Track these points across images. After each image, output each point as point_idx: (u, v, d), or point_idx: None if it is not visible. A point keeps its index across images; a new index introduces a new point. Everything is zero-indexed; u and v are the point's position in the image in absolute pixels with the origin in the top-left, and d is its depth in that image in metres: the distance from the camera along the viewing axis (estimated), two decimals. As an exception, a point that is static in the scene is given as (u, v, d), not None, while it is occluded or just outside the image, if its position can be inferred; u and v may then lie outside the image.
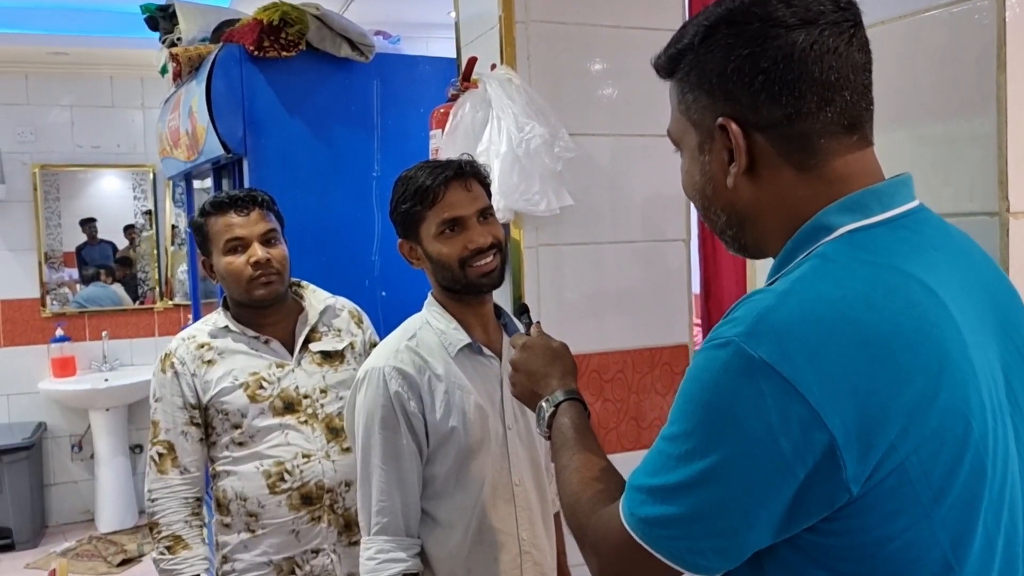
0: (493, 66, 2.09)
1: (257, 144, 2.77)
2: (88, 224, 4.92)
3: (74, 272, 4.88)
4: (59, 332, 4.71)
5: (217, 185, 3.23)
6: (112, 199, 4.97)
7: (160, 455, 1.88)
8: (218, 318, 1.96)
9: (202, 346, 1.92)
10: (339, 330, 2.02)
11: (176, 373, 1.89)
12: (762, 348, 0.73)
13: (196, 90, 2.86)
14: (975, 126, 1.08)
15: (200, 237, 1.95)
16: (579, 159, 2.07)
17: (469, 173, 1.53)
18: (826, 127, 0.81)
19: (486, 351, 1.56)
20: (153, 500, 1.87)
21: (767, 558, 0.80)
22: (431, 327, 1.56)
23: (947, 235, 0.87)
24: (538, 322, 1.37)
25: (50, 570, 2.08)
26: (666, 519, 0.79)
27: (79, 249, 4.91)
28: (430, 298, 1.60)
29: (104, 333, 4.83)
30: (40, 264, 4.74)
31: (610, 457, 1.04)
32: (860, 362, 0.72)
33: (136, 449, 4.88)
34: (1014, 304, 0.88)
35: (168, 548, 1.84)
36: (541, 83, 2.09)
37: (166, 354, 1.93)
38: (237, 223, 1.89)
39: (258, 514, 1.87)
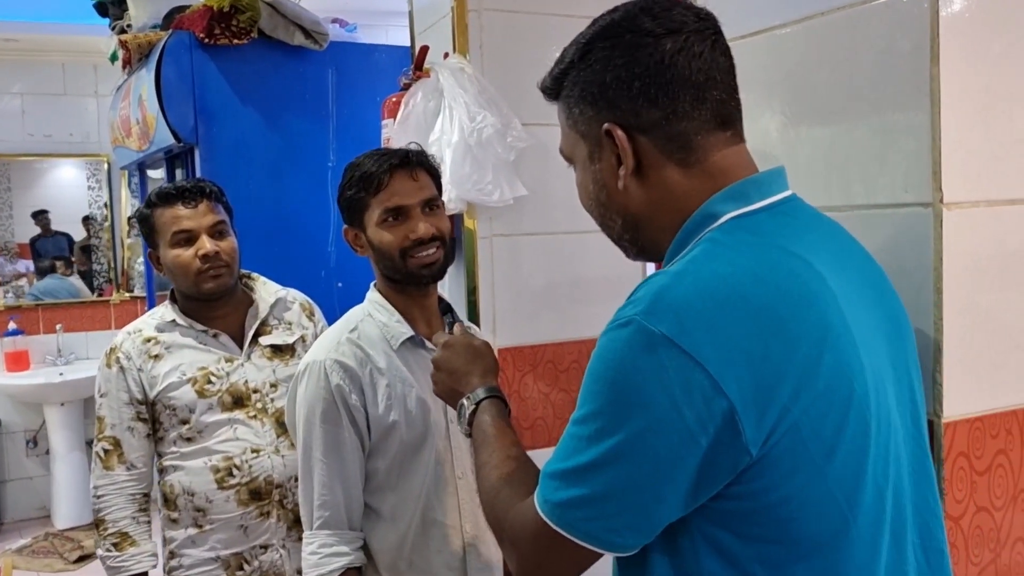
0: (446, 55, 2.08)
1: (209, 133, 2.73)
2: (40, 216, 4.81)
3: (31, 264, 4.78)
4: (12, 326, 4.62)
5: (170, 175, 3.18)
6: (67, 189, 4.87)
7: (106, 451, 1.85)
8: (165, 311, 1.92)
9: (149, 340, 1.88)
10: (290, 323, 1.99)
11: (122, 368, 1.85)
12: (662, 324, 0.77)
13: (146, 78, 2.80)
14: (910, 118, 1.08)
15: (146, 229, 1.91)
16: (533, 149, 2.06)
17: (416, 163, 1.52)
18: (702, 125, 0.88)
19: (429, 344, 1.55)
20: (99, 497, 1.84)
21: (679, 529, 0.83)
22: (373, 319, 1.55)
23: (819, 220, 0.94)
24: (460, 322, 1.38)
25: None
26: (580, 500, 0.82)
27: (33, 241, 4.80)
28: (372, 289, 1.59)
29: (58, 326, 4.74)
30: (-9, 256, 4.64)
31: (530, 453, 1.05)
32: (752, 332, 0.78)
33: (92, 444, 4.79)
34: (882, 279, 0.97)
35: (115, 545, 1.81)
36: (494, 72, 2.08)
37: (111, 348, 1.89)
38: (185, 215, 1.85)
39: (206, 509, 1.84)
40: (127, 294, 4.93)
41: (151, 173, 3.70)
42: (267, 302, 1.97)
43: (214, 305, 1.91)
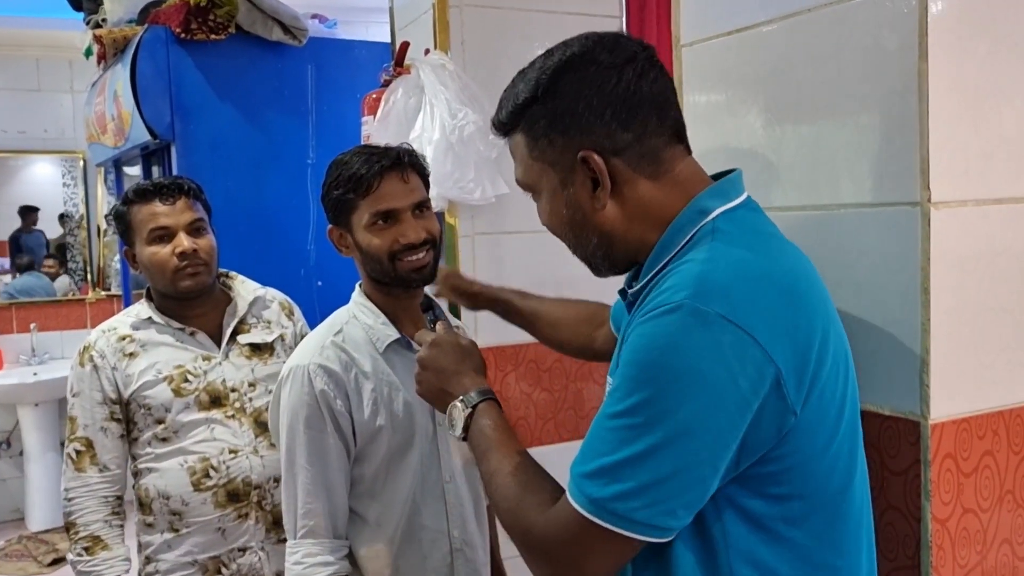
0: (427, 51, 2.05)
1: (186, 130, 2.68)
2: (30, 213, 4.74)
3: (5, 262, 4.71)
4: (-15, 324, 4.55)
5: (146, 172, 3.12)
6: (41, 186, 4.79)
7: (78, 452, 1.81)
8: (141, 309, 1.89)
9: (123, 338, 1.84)
10: (269, 322, 1.96)
11: (95, 367, 1.81)
12: (713, 303, 0.84)
13: (121, 74, 2.75)
14: (897, 116, 1.07)
15: (122, 226, 1.87)
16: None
17: (407, 164, 1.47)
18: (666, 140, 0.96)
19: (415, 346, 1.52)
20: (70, 500, 1.80)
21: (707, 504, 0.88)
22: (358, 321, 1.51)
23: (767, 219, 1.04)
24: (444, 320, 1.34)
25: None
26: (635, 490, 0.84)
27: (14, 237, 4.72)
28: (358, 290, 1.56)
29: (32, 325, 4.66)
30: (-37, 255, 4.56)
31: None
32: (785, 306, 0.87)
33: (68, 445, 4.73)
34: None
35: (86, 549, 1.77)
36: (476, 69, 2.06)
37: (85, 347, 1.85)
38: (162, 212, 1.81)
39: (182, 512, 1.81)
40: (103, 293, 4.86)
41: (127, 170, 3.65)
42: (246, 300, 1.93)
43: (191, 303, 1.87)
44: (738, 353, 0.83)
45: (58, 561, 4.09)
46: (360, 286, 1.55)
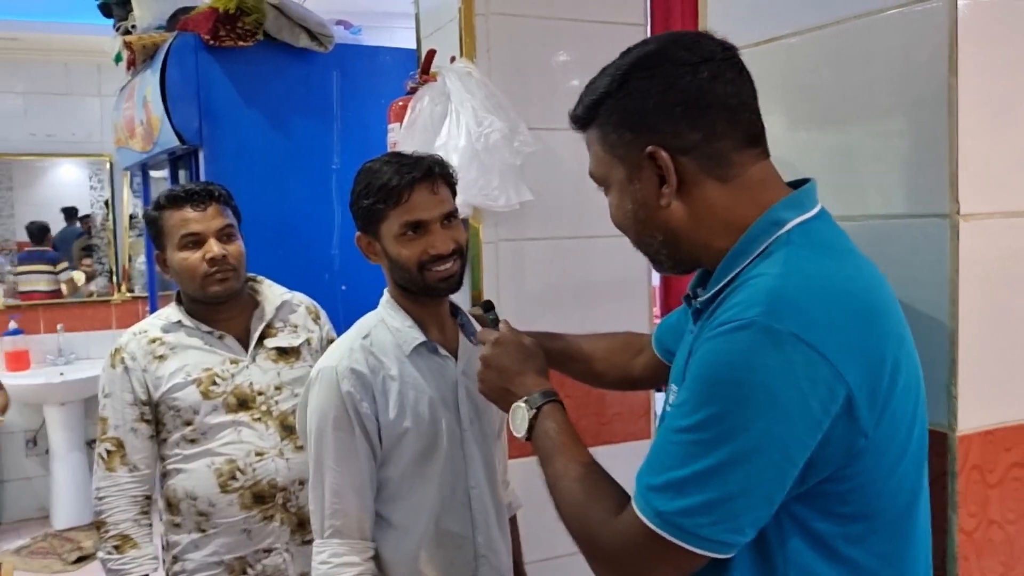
0: (453, 59, 2.07)
1: (213, 135, 2.72)
2: (70, 214, 4.85)
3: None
4: (12, 325, 4.60)
5: (173, 176, 3.16)
6: (68, 188, 4.86)
7: (108, 452, 1.84)
8: (171, 312, 1.91)
9: (154, 341, 1.87)
10: (295, 326, 1.98)
11: (126, 368, 1.84)
12: (786, 322, 0.83)
13: (150, 79, 2.79)
14: (926, 127, 1.08)
15: (154, 231, 1.90)
16: (540, 154, 2.05)
17: (437, 175, 1.48)
18: (736, 143, 0.95)
19: (441, 351, 1.53)
20: (101, 499, 1.83)
21: (771, 520, 0.88)
22: (386, 325, 1.53)
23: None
24: (505, 320, 1.35)
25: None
26: (702, 505, 0.84)
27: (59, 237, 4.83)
28: (386, 295, 1.57)
29: (59, 326, 4.72)
30: (-8, 256, 4.63)
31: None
32: (859, 326, 0.86)
33: (93, 444, 4.77)
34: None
35: (116, 547, 1.80)
36: (501, 77, 2.07)
37: (116, 349, 1.88)
38: (193, 218, 1.84)
39: (209, 513, 1.83)
40: (128, 294, 4.92)
41: (154, 174, 3.69)
42: (273, 304, 1.96)
43: (220, 308, 1.90)
44: (809, 373, 0.82)
45: (82, 559, 4.14)
46: (388, 291, 1.57)
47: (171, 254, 1.86)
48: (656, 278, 2.71)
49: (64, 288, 4.83)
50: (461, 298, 2.10)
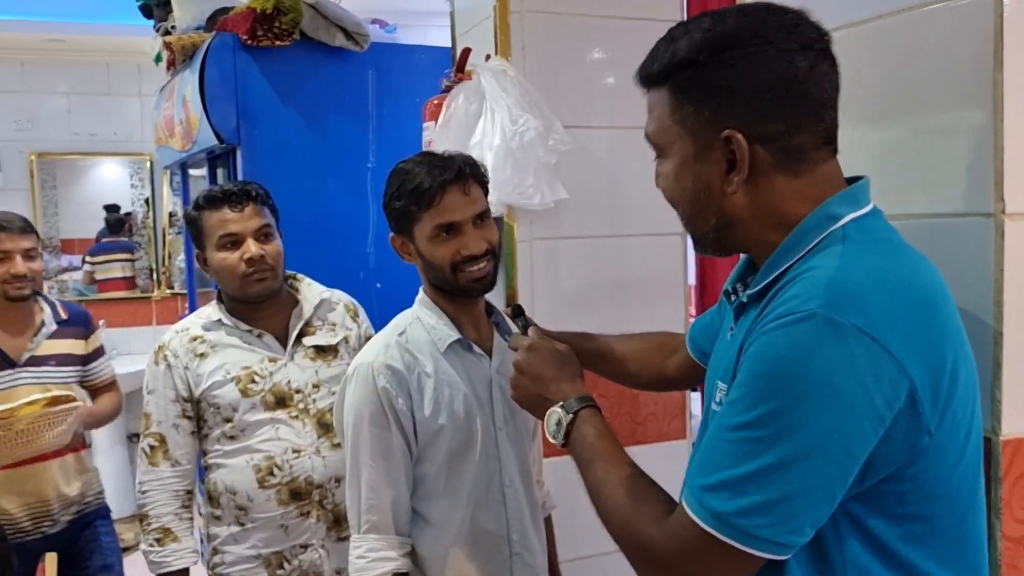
0: (487, 57, 2.07)
1: (251, 134, 2.75)
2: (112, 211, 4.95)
3: (76, 259, 4.88)
4: (56, 321, 4.71)
5: (212, 175, 3.20)
6: (110, 186, 4.95)
7: (152, 447, 1.88)
8: (212, 311, 1.95)
9: (195, 339, 1.90)
10: (334, 324, 2.00)
11: (169, 365, 1.88)
12: (849, 315, 0.80)
13: (190, 79, 2.83)
14: (971, 124, 1.05)
15: (194, 231, 1.94)
16: (574, 152, 2.04)
17: (469, 175, 1.48)
18: (816, 140, 0.91)
19: (476, 348, 1.54)
20: (144, 492, 1.87)
21: (828, 520, 0.85)
22: (421, 323, 1.54)
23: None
24: (535, 325, 1.35)
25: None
26: (760, 505, 0.81)
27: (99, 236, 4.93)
28: (421, 294, 1.58)
29: (101, 322, 4.80)
30: (37, 252, 4.73)
31: None
32: (922, 320, 0.83)
33: (134, 438, 4.87)
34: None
35: (158, 540, 1.84)
36: (536, 74, 2.07)
37: (160, 346, 1.92)
38: (231, 219, 1.87)
39: (247, 508, 1.86)
40: (168, 291, 5.00)
41: (193, 172, 3.74)
42: (311, 303, 1.98)
43: (259, 306, 1.92)
44: (873, 367, 0.80)
45: (124, 550, 4.21)
46: (423, 290, 1.58)
47: (211, 254, 1.89)
48: (692, 277, 2.68)
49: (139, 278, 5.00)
50: (495, 297, 2.10)
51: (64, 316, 2.44)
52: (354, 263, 2.85)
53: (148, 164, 4.92)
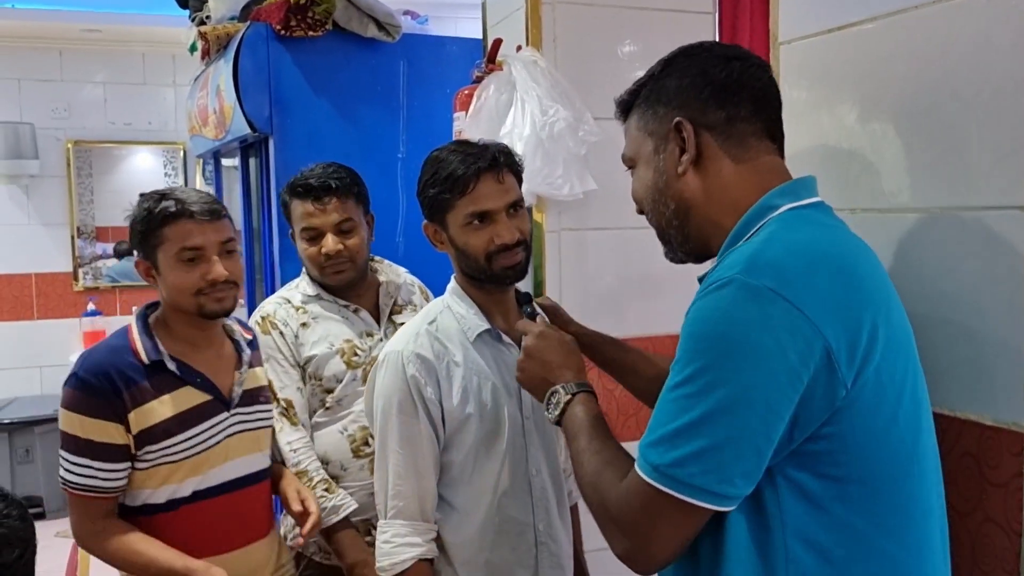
0: (519, 48, 2.07)
1: (283, 123, 2.77)
2: None
3: (109, 247, 4.95)
4: (91, 306, 4.79)
5: (244, 164, 3.24)
6: (144, 175, 5.03)
7: (285, 411, 1.92)
8: (306, 286, 2.02)
9: (298, 309, 1.98)
10: (416, 306, 2.07)
11: (281, 333, 1.95)
12: (764, 279, 0.89)
13: (224, 69, 2.86)
14: (1006, 116, 1.04)
15: (286, 213, 2.03)
16: (604, 143, 2.04)
17: (503, 163, 1.49)
18: (756, 131, 1.03)
19: (505, 338, 1.54)
20: (295, 450, 1.90)
21: (764, 480, 0.91)
22: (452, 312, 1.55)
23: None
24: (541, 314, 1.37)
25: (74, 540, 2.11)
26: (693, 455, 0.88)
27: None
28: (452, 283, 1.59)
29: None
30: (73, 239, 4.81)
31: (630, 443, 1.04)
32: (837, 285, 0.90)
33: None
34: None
35: (326, 490, 1.88)
36: (567, 66, 2.07)
37: (263, 317, 1.98)
38: (312, 212, 1.93)
39: (340, 476, 1.93)
40: (199, 279, 5.06)
41: (225, 162, 3.79)
42: (396, 284, 2.06)
43: (344, 289, 1.99)
44: (787, 325, 0.87)
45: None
46: (455, 278, 1.59)
47: (297, 239, 1.99)
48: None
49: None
50: (523, 287, 2.11)
51: (248, 335, 1.83)
52: (383, 253, 2.84)
53: (181, 153, 4.99)
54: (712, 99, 1.02)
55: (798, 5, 1.38)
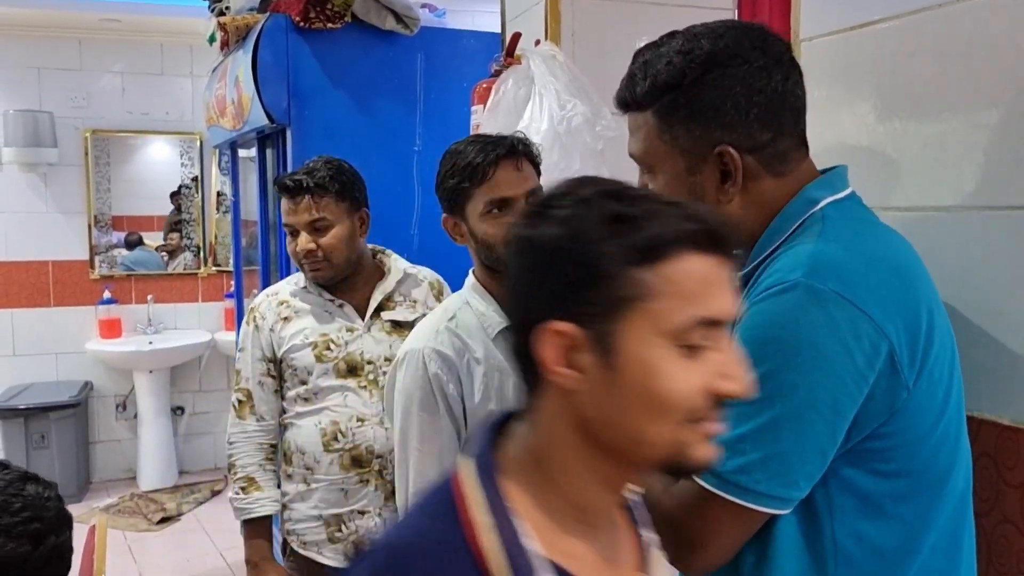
0: (537, 42, 2.07)
1: (301, 115, 2.79)
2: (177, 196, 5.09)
3: (122, 236, 4.99)
4: (106, 294, 4.82)
5: (261, 154, 3.26)
6: (160, 165, 5.05)
7: (240, 402, 2.00)
8: (300, 278, 2.05)
9: (282, 303, 2.02)
10: (415, 301, 2.05)
11: (257, 327, 2.00)
12: (828, 282, 0.88)
13: (243, 60, 2.88)
14: (1031, 116, 1.04)
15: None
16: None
17: (521, 152, 1.49)
18: (795, 142, 1.00)
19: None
20: (231, 443, 2.00)
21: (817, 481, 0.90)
22: (471, 308, 1.54)
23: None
24: None
25: (91, 525, 2.14)
26: (760, 461, 0.87)
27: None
28: (471, 277, 1.58)
29: (149, 297, 4.93)
30: (89, 227, 4.84)
31: None
32: (897, 287, 0.91)
33: (177, 411, 4.99)
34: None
35: (242, 488, 1.96)
36: (585, 60, 2.06)
37: (251, 308, 2.05)
38: (287, 210, 1.96)
39: (313, 468, 1.96)
40: (214, 268, 5.09)
41: (242, 153, 3.81)
42: (394, 277, 2.05)
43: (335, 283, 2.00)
44: (853, 329, 0.87)
45: (165, 519, 4.33)
46: (473, 272, 1.58)
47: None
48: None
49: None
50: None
51: None
52: (398, 246, 2.84)
53: (198, 143, 5.00)
54: (757, 121, 0.97)
55: (820, 2, 1.37)
